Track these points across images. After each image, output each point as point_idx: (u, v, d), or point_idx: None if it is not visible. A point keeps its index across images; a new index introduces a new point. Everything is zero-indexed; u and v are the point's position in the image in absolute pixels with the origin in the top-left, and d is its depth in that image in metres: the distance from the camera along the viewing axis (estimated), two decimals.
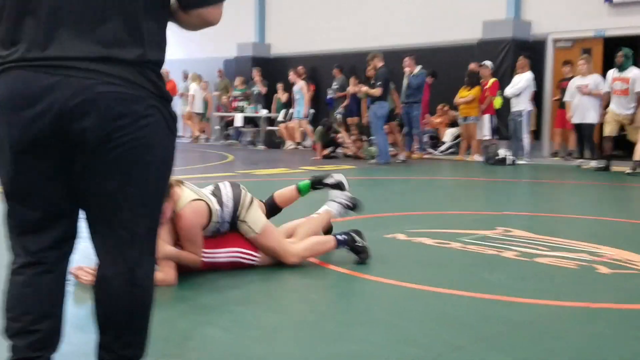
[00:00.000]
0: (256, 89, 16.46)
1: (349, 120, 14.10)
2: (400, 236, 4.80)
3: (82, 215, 1.95)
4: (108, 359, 1.92)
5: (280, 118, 15.77)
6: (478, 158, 12.05)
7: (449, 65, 13.56)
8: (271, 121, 16.22)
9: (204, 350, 2.58)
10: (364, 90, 11.59)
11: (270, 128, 15.99)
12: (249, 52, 17.59)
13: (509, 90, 11.62)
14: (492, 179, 9.45)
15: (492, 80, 12.05)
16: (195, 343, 2.66)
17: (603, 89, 10.40)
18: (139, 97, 1.78)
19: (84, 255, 3.60)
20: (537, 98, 12.83)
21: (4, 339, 1.95)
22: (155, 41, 1.84)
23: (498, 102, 12.10)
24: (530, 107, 11.69)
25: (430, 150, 13.53)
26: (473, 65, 12.58)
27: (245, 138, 16.90)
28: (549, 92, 13.28)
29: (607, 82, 10.27)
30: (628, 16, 12.20)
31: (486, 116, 12.04)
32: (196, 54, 18.24)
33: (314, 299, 3.35)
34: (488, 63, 12.38)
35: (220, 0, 1.88)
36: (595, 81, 10.57)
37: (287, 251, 3.82)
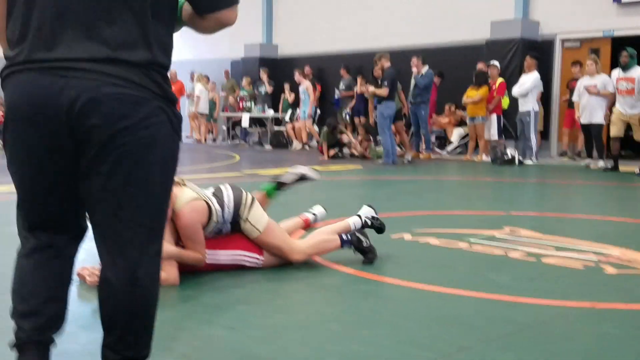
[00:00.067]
0: (263, 89, 16.49)
1: (356, 120, 14.10)
2: (406, 236, 4.79)
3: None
4: (113, 358, 1.92)
5: (287, 118, 15.79)
6: (485, 158, 12.03)
7: (457, 65, 13.55)
8: (278, 121, 16.25)
9: (210, 350, 2.58)
10: (370, 90, 11.59)
11: (277, 128, 16.01)
12: (256, 53, 17.63)
13: (516, 91, 11.59)
14: (500, 179, 9.42)
15: (500, 80, 12.03)
16: (200, 343, 2.66)
17: (608, 89, 10.38)
18: (143, 99, 1.80)
19: (89, 255, 3.62)
20: (545, 98, 12.80)
21: (10, 320, 1.99)
22: (161, 44, 1.85)
23: (506, 102, 12.07)
24: (537, 107, 11.66)
25: (438, 150, 13.51)
26: (481, 65, 12.56)
27: (252, 138, 16.93)
28: (556, 92, 13.25)
29: (613, 82, 10.26)
30: (636, 16, 12.15)
31: (494, 116, 12.01)
32: (204, 55, 18.30)
33: (318, 299, 3.34)
34: (496, 63, 12.36)
35: (235, 2, 1.92)
36: (604, 81, 10.53)
37: (292, 248, 3.81)
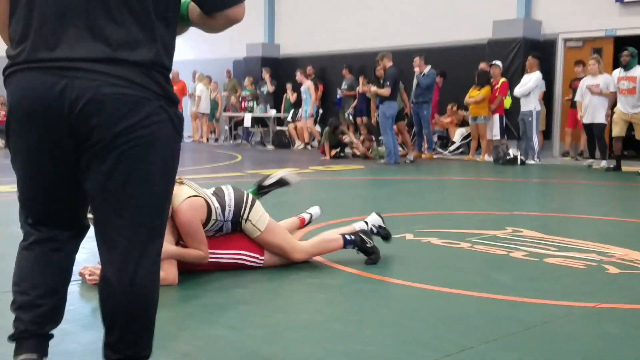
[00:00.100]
0: (265, 89, 16.49)
1: (358, 120, 14.09)
2: (408, 236, 4.79)
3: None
4: (114, 358, 1.92)
5: (289, 118, 15.80)
6: (488, 158, 12.01)
7: (459, 65, 13.53)
8: (280, 121, 16.25)
9: (211, 350, 2.58)
10: (373, 90, 11.58)
11: (279, 128, 16.01)
12: (258, 53, 17.62)
13: (518, 90, 11.58)
14: (502, 179, 9.41)
15: (502, 80, 12.02)
16: (202, 342, 2.66)
17: (609, 88, 10.38)
18: (144, 99, 1.80)
19: (91, 254, 3.63)
20: (548, 98, 12.78)
21: (10, 311, 2.01)
22: (163, 44, 1.86)
23: (508, 102, 12.06)
24: (539, 107, 11.64)
25: (440, 150, 13.50)
26: (483, 65, 12.54)
27: (254, 138, 16.94)
28: (559, 92, 13.23)
29: (613, 82, 10.25)
30: (639, 15, 12.12)
31: (496, 116, 11.99)
32: (206, 55, 18.28)
33: (320, 299, 3.34)
34: (498, 63, 12.34)
35: None
36: (606, 81, 10.51)
37: (294, 247, 3.81)
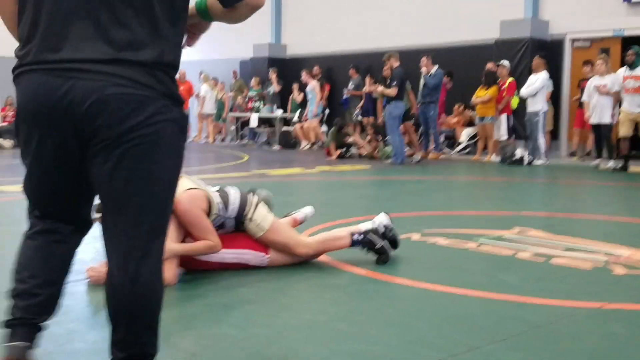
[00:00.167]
0: (271, 89, 16.51)
1: (365, 120, 14.08)
2: (415, 236, 4.78)
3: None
4: (120, 357, 1.93)
5: (295, 118, 15.81)
6: (494, 158, 11.99)
7: (466, 65, 13.51)
8: (286, 121, 16.26)
9: (218, 349, 2.59)
10: (379, 90, 11.57)
11: (285, 128, 16.02)
12: (265, 53, 17.64)
13: (524, 91, 11.55)
14: (509, 179, 9.39)
15: (510, 80, 11.99)
16: (208, 342, 2.66)
17: (613, 88, 10.35)
18: (148, 98, 1.81)
19: (98, 254, 3.64)
20: (555, 98, 12.75)
21: (7, 299, 2.03)
22: (169, 43, 1.86)
23: (515, 102, 12.03)
24: (546, 108, 11.61)
25: (446, 150, 13.48)
26: (490, 65, 12.52)
27: (261, 138, 16.96)
28: (566, 92, 13.19)
29: (618, 81, 10.22)
30: None
31: (503, 116, 11.97)
32: (213, 55, 18.31)
33: (326, 299, 3.34)
34: (505, 63, 12.32)
35: None
36: (614, 81, 10.49)
37: (298, 242, 3.80)
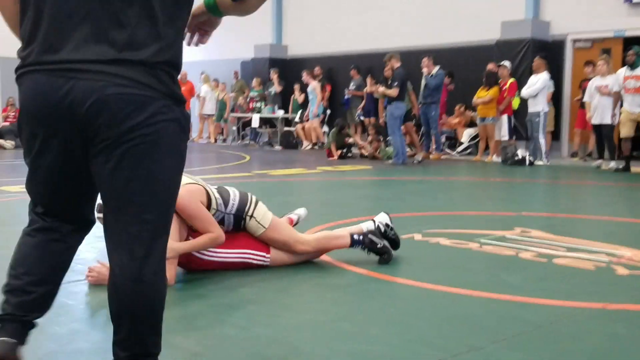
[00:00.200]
0: (273, 90, 16.52)
1: (366, 120, 14.09)
2: (417, 236, 4.79)
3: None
4: (122, 356, 1.94)
5: (296, 119, 15.82)
6: (496, 159, 11.99)
7: (467, 66, 13.51)
8: (288, 122, 16.27)
9: (221, 349, 2.59)
10: (380, 90, 11.58)
11: (287, 129, 16.03)
12: (266, 54, 17.65)
13: (525, 92, 11.54)
14: (510, 179, 9.39)
15: (511, 80, 11.99)
16: (211, 342, 2.67)
17: (613, 89, 10.35)
18: (149, 98, 1.81)
19: (100, 254, 3.64)
20: (556, 98, 12.74)
21: (1, 293, 2.04)
22: (169, 43, 1.87)
23: (516, 103, 12.02)
24: (547, 108, 11.61)
25: (448, 150, 13.48)
26: (491, 66, 12.52)
27: (262, 139, 16.97)
28: (568, 93, 13.18)
29: (619, 81, 10.22)
30: None
31: (504, 117, 11.97)
32: (214, 56, 18.32)
33: (327, 299, 3.34)
34: (506, 63, 12.31)
35: None
36: (614, 81, 10.48)
37: (297, 240, 3.83)
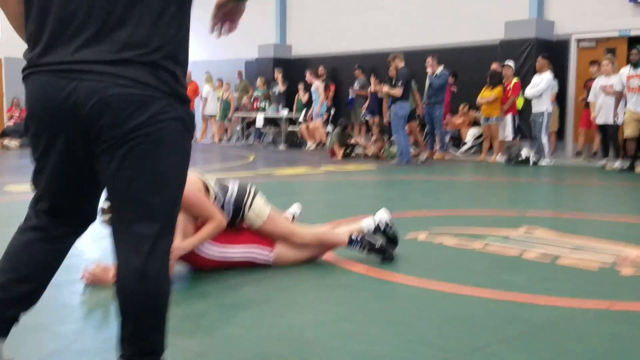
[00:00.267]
0: (277, 90, 16.53)
1: (370, 120, 14.10)
2: (420, 236, 4.79)
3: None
4: (128, 354, 1.94)
5: (300, 118, 15.83)
6: (500, 159, 11.98)
7: (471, 66, 13.50)
8: (292, 121, 16.28)
9: (225, 349, 2.60)
10: (384, 90, 11.58)
11: (291, 128, 16.05)
12: (270, 54, 17.67)
13: (529, 92, 11.53)
14: (514, 179, 9.38)
15: (515, 80, 11.97)
16: (216, 341, 2.67)
17: (616, 88, 10.33)
18: (152, 98, 1.82)
19: (105, 254, 3.65)
20: (561, 98, 12.72)
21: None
22: (172, 43, 1.87)
23: (520, 103, 12.00)
24: (551, 108, 11.59)
25: (452, 150, 13.47)
26: (495, 66, 12.50)
27: (267, 138, 16.98)
28: (572, 92, 13.16)
29: (622, 81, 10.19)
30: None
31: (509, 116, 11.96)
32: (218, 56, 18.35)
33: (329, 298, 3.35)
34: (511, 63, 12.30)
35: None
36: (618, 81, 10.46)
37: (295, 233, 3.89)
